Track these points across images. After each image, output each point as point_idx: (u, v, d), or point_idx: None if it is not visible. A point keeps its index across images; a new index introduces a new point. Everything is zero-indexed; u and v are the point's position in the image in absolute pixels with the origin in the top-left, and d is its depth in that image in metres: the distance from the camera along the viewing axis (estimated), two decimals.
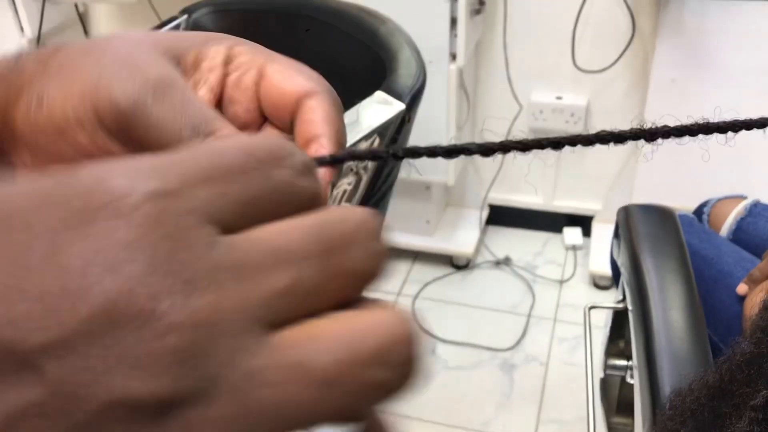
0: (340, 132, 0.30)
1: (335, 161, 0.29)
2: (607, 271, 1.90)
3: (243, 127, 0.31)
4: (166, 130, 0.27)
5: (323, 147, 0.29)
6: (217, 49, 0.31)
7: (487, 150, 0.28)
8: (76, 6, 1.98)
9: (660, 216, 1.02)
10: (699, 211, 1.24)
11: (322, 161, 0.28)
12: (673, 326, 0.85)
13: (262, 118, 0.32)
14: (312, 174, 0.21)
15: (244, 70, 0.31)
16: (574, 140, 0.29)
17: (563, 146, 0.29)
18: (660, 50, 1.63)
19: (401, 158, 0.29)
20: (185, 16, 1.48)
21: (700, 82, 1.62)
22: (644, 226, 0.98)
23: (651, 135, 0.29)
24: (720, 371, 0.56)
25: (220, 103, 0.32)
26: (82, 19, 2.04)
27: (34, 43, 1.87)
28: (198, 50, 0.31)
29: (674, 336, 0.84)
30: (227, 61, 0.31)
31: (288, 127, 0.31)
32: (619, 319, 1.20)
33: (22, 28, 1.88)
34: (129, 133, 0.27)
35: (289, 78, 0.30)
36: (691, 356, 0.81)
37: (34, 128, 0.28)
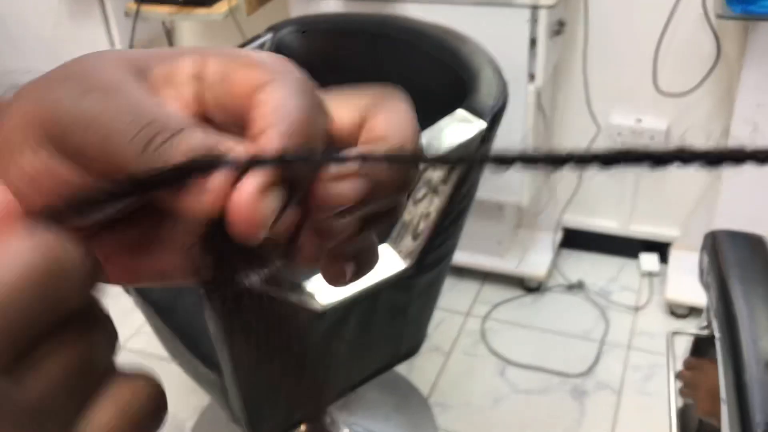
0: (298, 120, 0.24)
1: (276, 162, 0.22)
2: (686, 299, 1.86)
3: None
4: (109, 129, 0.24)
5: (266, 141, 0.23)
6: (184, 64, 0.27)
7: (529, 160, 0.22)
8: (163, 23, 2.06)
9: (749, 243, 0.99)
10: None
11: (256, 163, 0.23)
12: (764, 356, 0.82)
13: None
14: (92, 282, 0.22)
15: (212, 83, 0.26)
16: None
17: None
18: (746, 74, 1.59)
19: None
20: (270, 35, 1.52)
21: None
22: (733, 253, 0.95)
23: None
24: None
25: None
26: (169, 35, 2.12)
27: None
28: (171, 63, 0.27)
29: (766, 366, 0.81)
30: (198, 76, 0.27)
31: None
32: (699, 346, 1.17)
33: (113, 44, 1.96)
34: (67, 139, 0.24)
35: (245, 75, 0.25)
36: None
37: None
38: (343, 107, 0.26)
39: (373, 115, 0.25)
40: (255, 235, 0.23)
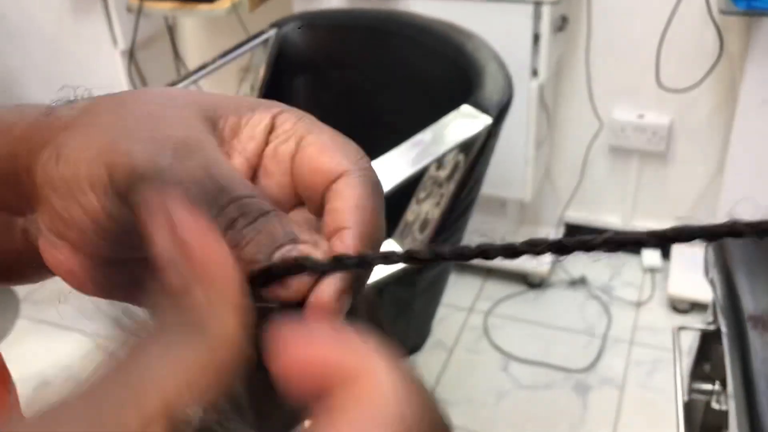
0: (370, 224, 0.25)
1: (356, 265, 0.25)
2: (688, 294, 1.86)
3: (274, 203, 0.26)
4: (191, 199, 0.24)
5: (345, 244, 0.25)
6: (262, 116, 0.28)
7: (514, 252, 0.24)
8: (165, 19, 2.05)
9: None
10: None
11: (339, 264, 0.25)
12: None
13: (296, 196, 0.28)
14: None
15: (282, 139, 0.27)
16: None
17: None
18: (750, 70, 1.59)
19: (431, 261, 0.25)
20: (274, 30, 1.52)
21: None
22: (738, 248, 0.95)
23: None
24: None
25: (256, 175, 0.28)
26: (171, 31, 2.12)
27: (127, 54, 1.94)
28: (239, 116, 0.28)
29: None
30: (270, 130, 0.28)
31: (319, 211, 0.27)
32: (706, 341, 1.17)
33: (115, 40, 1.96)
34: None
35: (323, 153, 0.26)
36: None
37: (50, 184, 0.26)
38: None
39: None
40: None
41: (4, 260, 0.32)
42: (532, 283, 2.01)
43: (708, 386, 1.16)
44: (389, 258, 0.25)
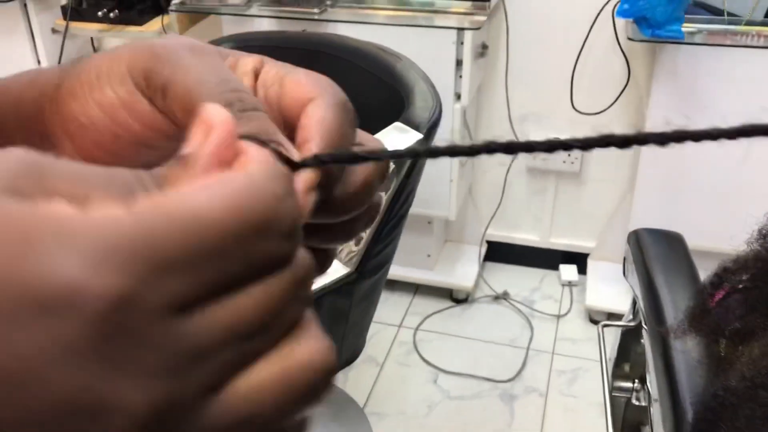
0: (334, 134, 0.28)
1: (320, 163, 0.26)
2: (603, 305, 1.97)
3: None
4: (201, 78, 0.27)
5: (309, 151, 0.27)
6: (249, 59, 0.31)
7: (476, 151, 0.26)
8: (92, 40, 2.05)
9: (668, 239, 1.08)
10: None
11: (306, 163, 0.26)
12: (688, 340, 0.90)
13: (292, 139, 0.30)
14: (296, 234, 0.21)
15: (269, 85, 0.30)
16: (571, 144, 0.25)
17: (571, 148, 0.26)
18: (655, 94, 1.72)
19: (395, 157, 0.27)
20: None
21: (694, 125, 1.70)
22: (655, 248, 1.04)
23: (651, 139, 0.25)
24: None
25: None
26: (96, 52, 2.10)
27: None
28: (235, 57, 0.31)
29: (690, 348, 0.89)
30: (256, 73, 0.31)
31: None
32: (625, 340, 1.25)
33: (39, 61, 1.94)
34: (156, 81, 0.28)
35: (298, 86, 0.29)
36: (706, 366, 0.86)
37: (71, 95, 0.29)
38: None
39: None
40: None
41: None
42: (457, 299, 2.08)
43: (628, 384, 1.24)
44: (353, 157, 0.28)
